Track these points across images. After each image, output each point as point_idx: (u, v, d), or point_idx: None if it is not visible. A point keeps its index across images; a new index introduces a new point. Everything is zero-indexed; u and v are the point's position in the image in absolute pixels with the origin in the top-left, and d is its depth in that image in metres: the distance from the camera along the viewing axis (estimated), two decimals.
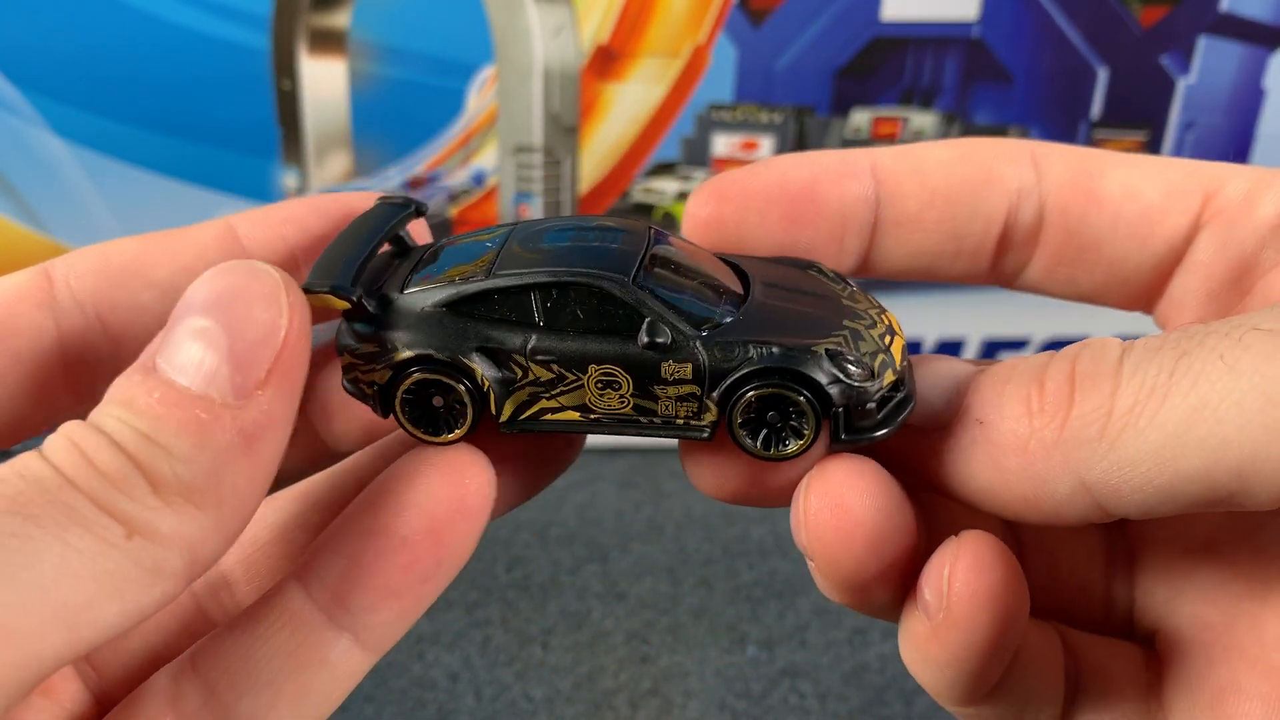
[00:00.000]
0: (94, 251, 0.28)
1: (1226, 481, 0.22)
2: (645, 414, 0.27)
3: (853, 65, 0.73)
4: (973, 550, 0.25)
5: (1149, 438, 0.22)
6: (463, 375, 0.27)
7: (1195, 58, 0.72)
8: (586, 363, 0.27)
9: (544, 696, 0.60)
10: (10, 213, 0.71)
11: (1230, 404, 0.21)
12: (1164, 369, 0.23)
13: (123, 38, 0.67)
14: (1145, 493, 0.23)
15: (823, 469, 0.26)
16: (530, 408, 0.28)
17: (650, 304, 0.27)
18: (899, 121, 0.75)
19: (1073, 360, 0.25)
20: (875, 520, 0.26)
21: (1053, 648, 0.29)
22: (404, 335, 0.27)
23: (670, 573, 0.69)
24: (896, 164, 0.31)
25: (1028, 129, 0.74)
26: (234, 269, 0.24)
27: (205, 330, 0.23)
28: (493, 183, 0.75)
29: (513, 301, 0.27)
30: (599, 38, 0.71)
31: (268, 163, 0.72)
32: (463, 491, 0.26)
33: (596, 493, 0.77)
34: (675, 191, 0.76)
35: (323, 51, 0.70)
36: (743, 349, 0.27)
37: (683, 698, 0.60)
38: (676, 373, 0.27)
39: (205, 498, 0.22)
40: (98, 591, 0.21)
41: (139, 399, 0.23)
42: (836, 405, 0.26)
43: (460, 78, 0.71)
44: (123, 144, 0.70)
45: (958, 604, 0.25)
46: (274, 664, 0.25)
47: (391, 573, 0.25)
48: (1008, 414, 0.25)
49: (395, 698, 0.59)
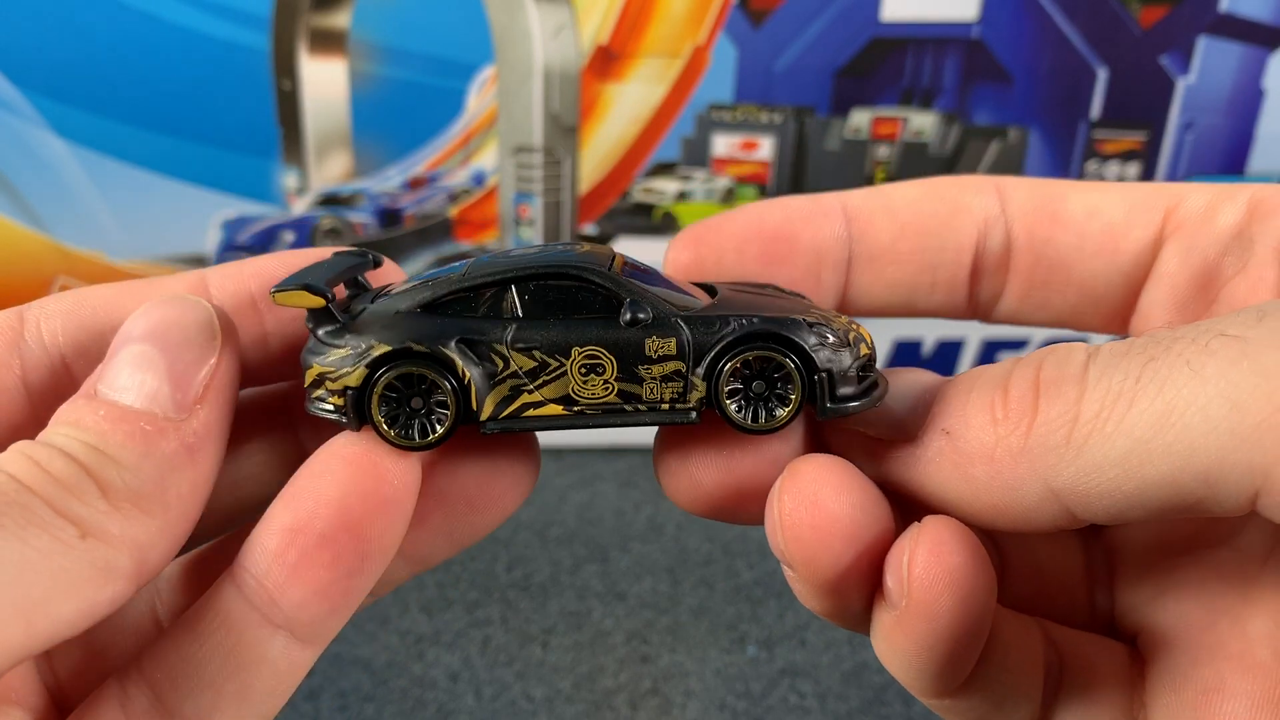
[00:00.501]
0: (69, 295, 0.28)
1: (1194, 488, 0.22)
2: (630, 400, 0.27)
3: (852, 65, 0.73)
4: (932, 535, 0.25)
5: (1115, 444, 0.22)
6: (443, 368, 0.26)
7: (1195, 58, 0.72)
8: (569, 347, 0.26)
9: (544, 696, 0.60)
10: (10, 213, 0.71)
11: (1196, 410, 0.21)
12: (1130, 374, 0.23)
13: (123, 38, 0.67)
14: (1113, 498, 0.23)
15: (793, 470, 0.26)
16: (512, 403, 0.27)
17: (629, 286, 0.27)
18: (899, 121, 0.75)
19: (1037, 366, 0.25)
20: (851, 515, 0.26)
21: (1031, 640, 0.29)
22: (379, 333, 0.26)
23: (670, 572, 0.69)
24: (867, 203, 0.32)
25: (1027, 129, 0.74)
26: (168, 302, 0.26)
27: (144, 354, 0.25)
28: (493, 183, 0.75)
29: (491, 297, 0.27)
30: (599, 38, 0.71)
31: (268, 163, 0.72)
32: (378, 483, 0.25)
33: (596, 493, 0.77)
34: (675, 191, 0.76)
35: (323, 51, 0.70)
36: (723, 322, 0.27)
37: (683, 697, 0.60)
38: (661, 349, 0.26)
39: (152, 504, 0.24)
40: (54, 588, 0.22)
41: (85, 418, 0.24)
42: (821, 369, 0.26)
43: (460, 78, 0.71)
44: (123, 144, 0.70)
45: (918, 589, 0.25)
46: (213, 664, 0.25)
47: (316, 570, 0.25)
48: (973, 422, 0.25)
49: (395, 697, 0.59)
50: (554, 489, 0.76)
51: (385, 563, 0.26)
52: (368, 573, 0.26)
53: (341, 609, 0.26)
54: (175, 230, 0.72)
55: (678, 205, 0.77)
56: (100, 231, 0.72)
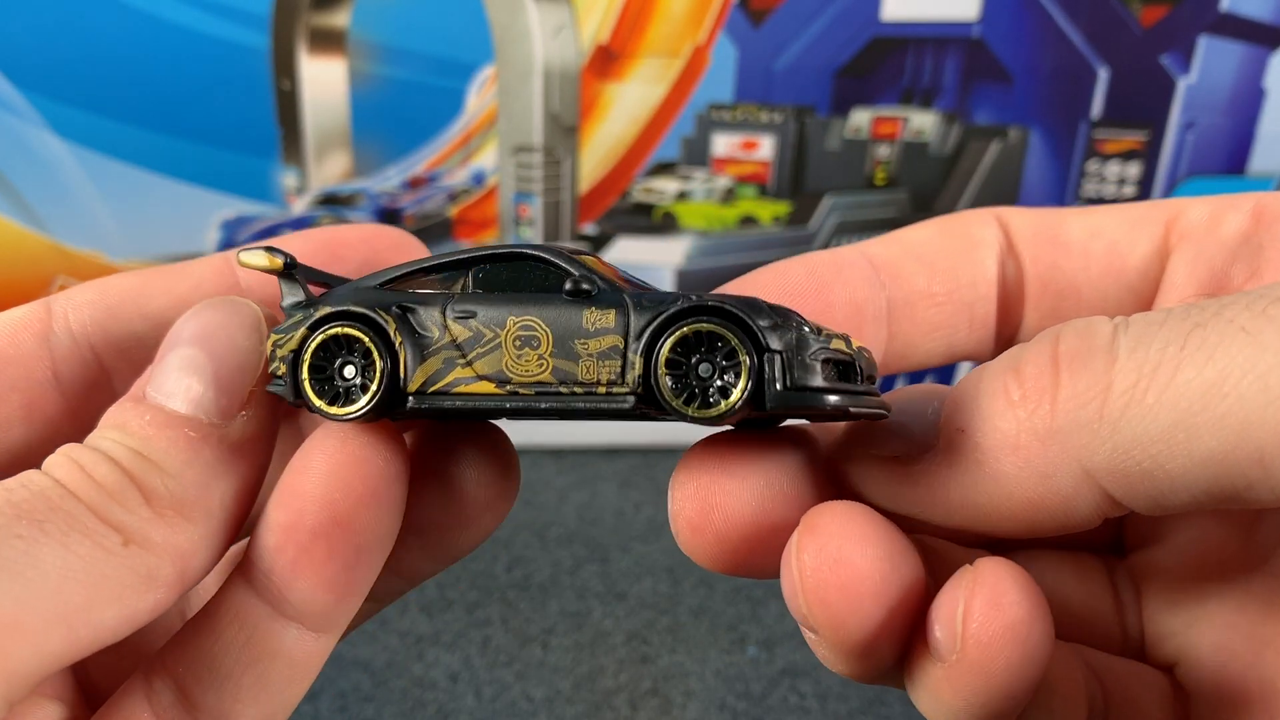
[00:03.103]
0: (94, 285, 0.29)
1: (1247, 468, 0.20)
2: (565, 380, 0.25)
3: (853, 65, 0.73)
4: (992, 583, 0.22)
5: (1158, 417, 0.20)
6: (372, 330, 0.25)
7: (1195, 57, 0.72)
8: (505, 317, 0.25)
9: (544, 696, 0.59)
10: (10, 213, 0.71)
11: (1254, 379, 0.19)
12: (1173, 341, 0.20)
13: (123, 38, 0.67)
14: (1156, 480, 0.21)
15: (811, 522, 0.24)
16: (443, 378, 0.25)
17: (582, 266, 0.26)
18: (899, 121, 0.75)
19: (1054, 341, 0.23)
20: (879, 569, 0.23)
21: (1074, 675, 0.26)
22: (331, 301, 0.26)
23: (670, 573, 0.69)
24: (888, 250, 0.30)
25: (1028, 128, 0.74)
26: (217, 304, 0.26)
27: (192, 359, 0.25)
28: (492, 182, 0.75)
29: (450, 277, 0.27)
30: (599, 37, 0.71)
31: (267, 163, 0.72)
32: (361, 476, 0.25)
33: (596, 493, 0.77)
34: (675, 191, 0.76)
35: (322, 51, 0.70)
36: (673, 300, 0.25)
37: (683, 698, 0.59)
38: (598, 321, 0.25)
39: (195, 510, 0.24)
40: (96, 595, 0.22)
41: (131, 422, 0.24)
42: (773, 349, 0.24)
43: (460, 77, 0.71)
44: (122, 143, 0.70)
45: (974, 644, 0.22)
46: (229, 657, 0.25)
47: (314, 565, 0.25)
48: (987, 412, 0.23)
49: (395, 698, 0.59)
50: (554, 489, 0.76)
51: (383, 551, 0.26)
52: (366, 563, 0.26)
53: (348, 598, 0.26)
54: (174, 230, 0.72)
55: (678, 205, 0.77)
56: (99, 231, 0.72)
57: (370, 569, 0.26)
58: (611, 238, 0.77)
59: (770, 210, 0.77)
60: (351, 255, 0.29)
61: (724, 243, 0.78)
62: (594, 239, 0.78)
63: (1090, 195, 0.76)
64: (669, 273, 0.78)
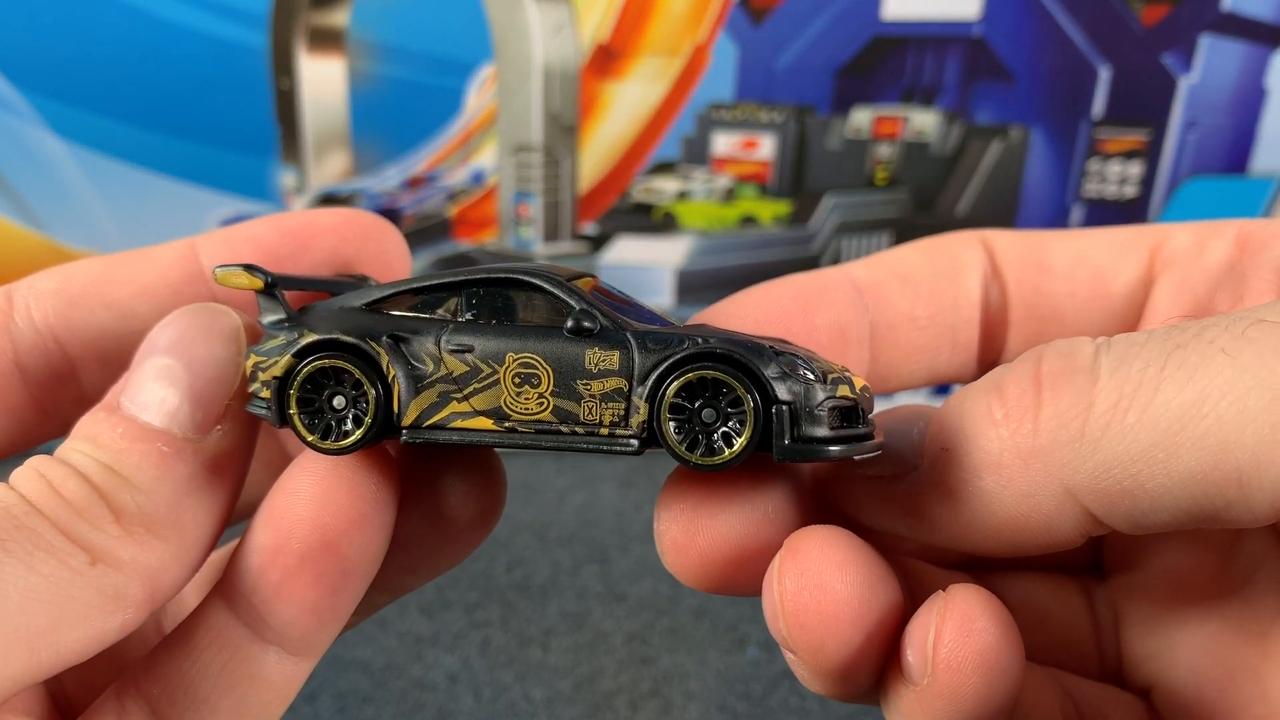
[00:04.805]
0: (56, 273, 0.27)
1: (1226, 488, 0.20)
2: (566, 420, 0.24)
3: (854, 64, 0.73)
4: (961, 610, 0.23)
5: (1139, 436, 0.21)
6: (365, 363, 0.24)
7: (1197, 56, 0.72)
8: (504, 353, 0.24)
9: (544, 698, 0.59)
10: (8, 212, 0.71)
11: (1232, 400, 0.19)
12: (1153, 362, 0.21)
13: (122, 38, 0.67)
14: (1136, 499, 0.21)
15: (793, 546, 0.24)
16: (439, 411, 0.24)
17: (584, 296, 0.25)
18: (900, 120, 0.75)
19: (1035, 362, 0.23)
20: (858, 595, 0.23)
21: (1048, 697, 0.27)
22: (316, 324, 0.25)
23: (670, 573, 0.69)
24: (872, 272, 0.30)
25: (1029, 128, 0.74)
26: (196, 310, 0.25)
27: (167, 369, 0.24)
28: (492, 182, 0.75)
29: (439, 299, 0.25)
30: (599, 36, 0.71)
31: (266, 162, 0.72)
32: (352, 500, 0.24)
33: (596, 493, 0.76)
34: (675, 191, 0.76)
35: (322, 50, 0.70)
36: (678, 341, 0.24)
37: (683, 699, 0.59)
38: (601, 362, 0.24)
39: (166, 528, 0.23)
40: (60, 616, 0.21)
41: (103, 434, 0.24)
42: (780, 400, 0.23)
43: (459, 77, 0.71)
44: (120, 143, 0.70)
45: (944, 670, 0.22)
46: (207, 681, 0.25)
47: (299, 589, 0.24)
48: (970, 432, 0.23)
49: (395, 699, 0.59)
50: (554, 489, 0.76)
51: (370, 575, 0.25)
52: (352, 587, 0.25)
53: (330, 623, 0.25)
54: (173, 229, 0.72)
55: (678, 204, 0.76)
56: (98, 230, 0.72)
57: (355, 593, 0.25)
58: (611, 237, 0.77)
59: (770, 210, 0.77)
60: (320, 245, 0.28)
61: (724, 242, 0.77)
62: (594, 239, 0.77)
63: (1091, 195, 0.76)
64: (669, 272, 0.78)
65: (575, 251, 0.77)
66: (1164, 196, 0.75)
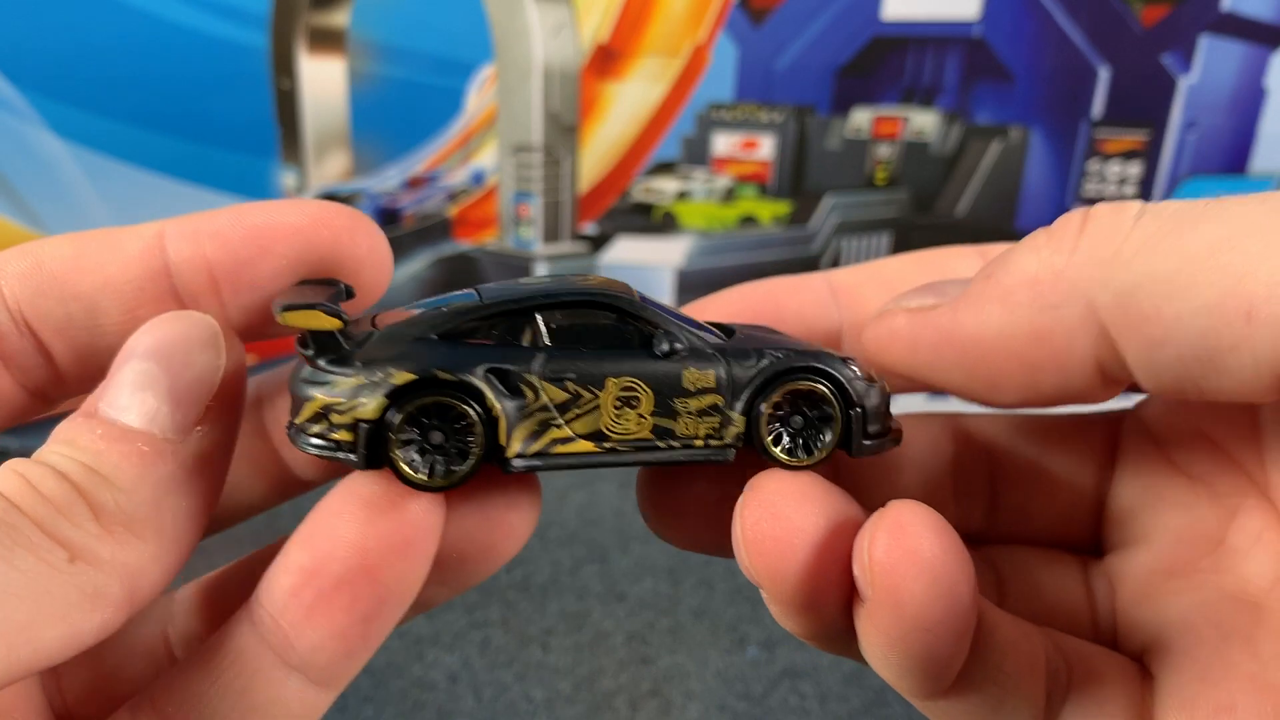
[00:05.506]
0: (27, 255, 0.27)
1: (1235, 321, 0.21)
2: (664, 436, 0.25)
3: (853, 64, 0.73)
4: (893, 518, 0.23)
5: (1168, 261, 0.22)
6: (471, 398, 0.24)
7: (1197, 57, 0.72)
8: (604, 378, 0.25)
9: (544, 697, 0.59)
10: (10, 213, 0.71)
11: (1259, 235, 0.21)
12: (1194, 209, 0.22)
13: (122, 38, 0.67)
14: (1152, 324, 0.22)
15: (754, 484, 0.25)
16: (540, 439, 0.25)
17: (660, 317, 0.26)
18: (900, 120, 0.75)
19: (1086, 209, 0.25)
20: (815, 523, 0.24)
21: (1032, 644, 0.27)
22: (396, 361, 0.24)
23: (670, 573, 0.69)
24: (853, 276, 0.31)
25: (1029, 128, 0.74)
26: (174, 318, 0.25)
27: (146, 373, 0.24)
28: (492, 182, 0.75)
29: (515, 324, 0.25)
30: (599, 37, 0.71)
31: (267, 162, 0.72)
32: (398, 525, 0.24)
33: (596, 493, 0.76)
34: (675, 191, 0.76)
35: (322, 50, 0.70)
36: (758, 355, 0.26)
37: (683, 699, 0.59)
38: (699, 381, 0.25)
39: (146, 528, 0.23)
40: (38, 613, 0.21)
41: (82, 437, 0.23)
42: (857, 403, 0.26)
43: (460, 77, 0.71)
44: (122, 144, 0.70)
45: (880, 575, 0.23)
46: (225, 703, 0.24)
47: (332, 614, 0.24)
48: (1015, 258, 0.25)
49: (395, 698, 0.59)
50: (554, 489, 0.76)
51: (405, 606, 0.25)
52: (386, 617, 0.25)
53: (359, 653, 0.25)
54: None
55: (678, 204, 0.76)
56: None
57: (388, 624, 0.25)
58: (611, 238, 0.77)
59: (770, 210, 0.77)
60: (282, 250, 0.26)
61: (724, 242, 0.78)
62: (594, 239, 0.77)
63: (1091, 195, 0.76)
64: (669, 272, 0.78)
65: (575, 251, 0.77)
66: (1163, 197, 0.75)
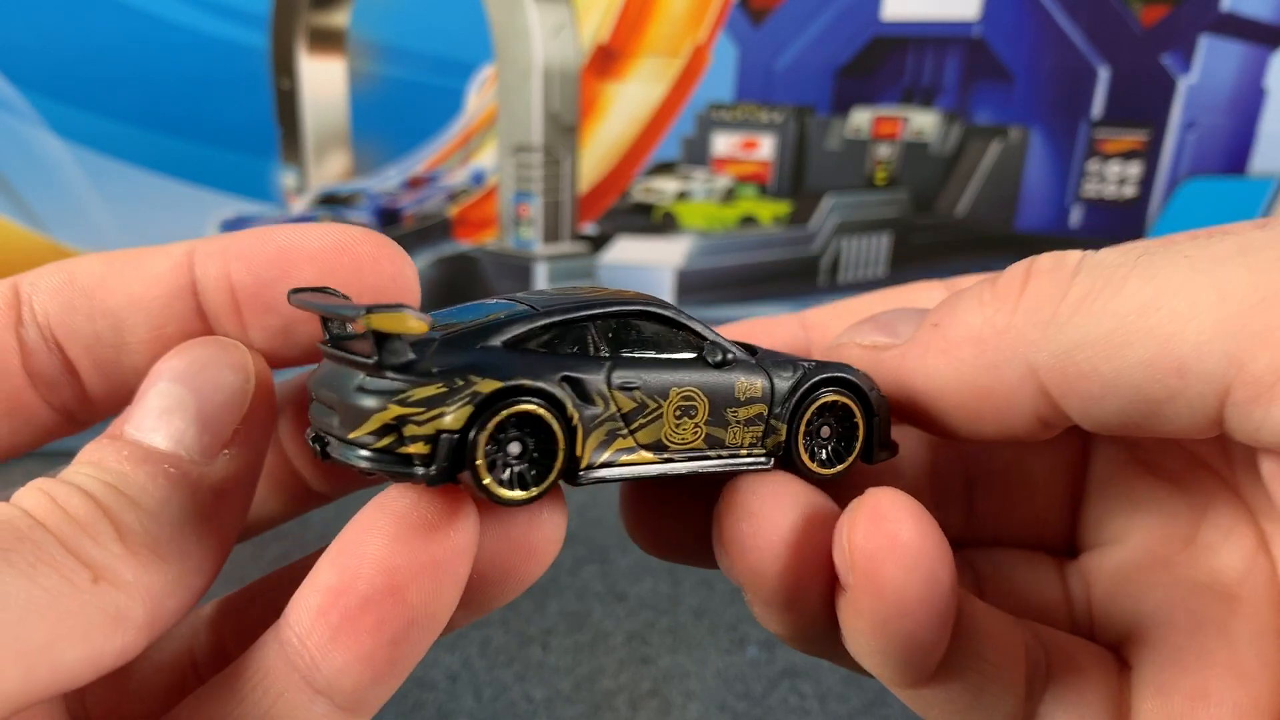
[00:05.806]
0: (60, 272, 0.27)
1: (1168, 376, 0.22)
2: (715, 445, 0.26)
3: (853, 64, 0.73)
4: (872, 505, 0.24)
5: (1102, 322, 0.23)
6: (555, 408, 0.24)
7: (1196, 57, 0.72)
8: (668, 388, 0.25)
9: (544, 697, 0.59)
10: (8, 212, 0.71)
11: (1184, 296, 0.22)
12: (1125, 264, 0.23)
13: (122, 38, 0.67)
14: (1090, 381, 0.23)
15: (731, 488, 0.26)
16: (607, 448, 0.25)
17: (703, 328, 0.26)
18: (900, 121, 0.75)
19: (1029, 263, 0.26)
20: (789, 521, 0.25)
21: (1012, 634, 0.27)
22: (477, 370, 0.23)
23: (670, 573, 0.69)
24: (823, 311, 0.33)
25: (1029, 128, 0.74)
26: (203, 343, 0.25)
27: (174, 395, 0.24)
28: (492, 182, 0.75)
29: (573, 335, 0.25)
30: (599, 37, 0.71)
31: (267, 162, 0.72)
32: (429, 543, 0.23)
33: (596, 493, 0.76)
34: (675, 191, 0.76)
35: (322, 51, 0.70)
36: (793, 366, 0.27)
37: (683, 698, 0.59)
38: (748, 391, 0.26)
39: (170, 550, 0.23)
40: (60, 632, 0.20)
41: (108, 458, 0.23)
42: (876, 412, 0.27)
43: (460, 77, 0.71)
44: (122, 144, 0.70)
45: (860, 561, 0.23)
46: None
47: (358, 635, 0.23)
48: (960, 311, 0.26)
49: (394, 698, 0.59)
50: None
51: (436, 631, 0.24)
52: (415, 641, 0.24)
53: (387, 678, 0.24)
54: (174, 230, 0.72)
55: (678, 204, 0.76)
56: (98, 231, 0.72)
57: (418, 648, 0.24)
58: (611, 238, 0.77)
59: (770, 210, 0.77)
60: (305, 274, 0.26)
61: (724, 243, 0.78)
62: (594, 239, 0.78)
63: (1091, 195, 0.76)
64: (669, 273, 0.78)
65: (575, 251, 0.78)
66: (1163, 197, 0.75)
